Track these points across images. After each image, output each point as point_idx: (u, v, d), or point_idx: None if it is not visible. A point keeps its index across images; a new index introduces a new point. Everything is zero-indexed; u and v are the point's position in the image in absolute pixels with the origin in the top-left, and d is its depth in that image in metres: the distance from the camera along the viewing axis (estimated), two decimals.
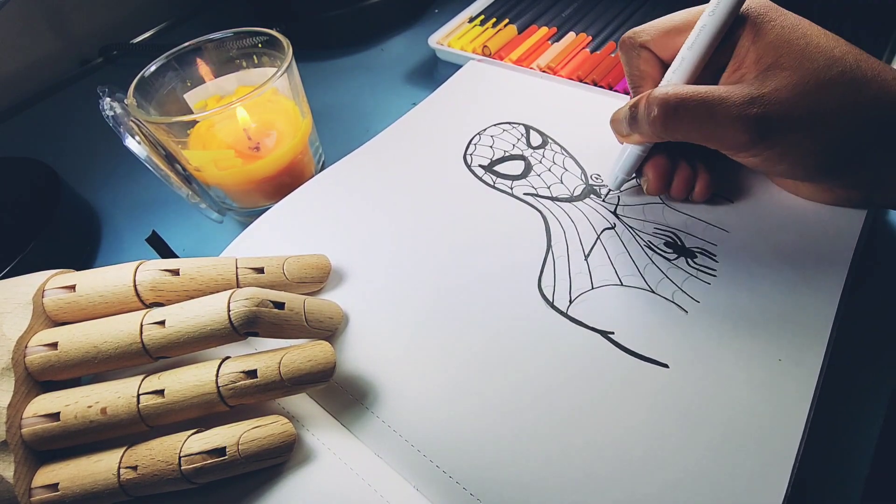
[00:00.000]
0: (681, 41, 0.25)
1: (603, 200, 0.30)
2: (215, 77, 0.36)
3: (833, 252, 0.25)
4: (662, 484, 0.20)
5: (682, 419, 0.21)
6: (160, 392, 0.21)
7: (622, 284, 0.26)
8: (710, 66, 0.25)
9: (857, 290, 0.25)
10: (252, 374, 0.21)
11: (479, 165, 0.32)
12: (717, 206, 0.28)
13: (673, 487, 0.20)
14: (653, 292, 0.25)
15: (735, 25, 0.24)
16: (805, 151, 0.23)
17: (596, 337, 0.24)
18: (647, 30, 0.27)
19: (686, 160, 0.28)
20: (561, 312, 0.25)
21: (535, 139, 0.34)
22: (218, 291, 0.23)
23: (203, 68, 0.36)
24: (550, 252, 0.27)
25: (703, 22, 0.24)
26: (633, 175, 0.28)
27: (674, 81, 0.25)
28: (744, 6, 0.24)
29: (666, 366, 0.23)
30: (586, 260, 0.27)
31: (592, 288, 0.26)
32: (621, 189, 0.29)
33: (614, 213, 0.29)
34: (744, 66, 0.24)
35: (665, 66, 0.27)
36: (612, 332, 0.24)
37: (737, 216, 0.28)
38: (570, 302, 0.25)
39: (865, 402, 0.24)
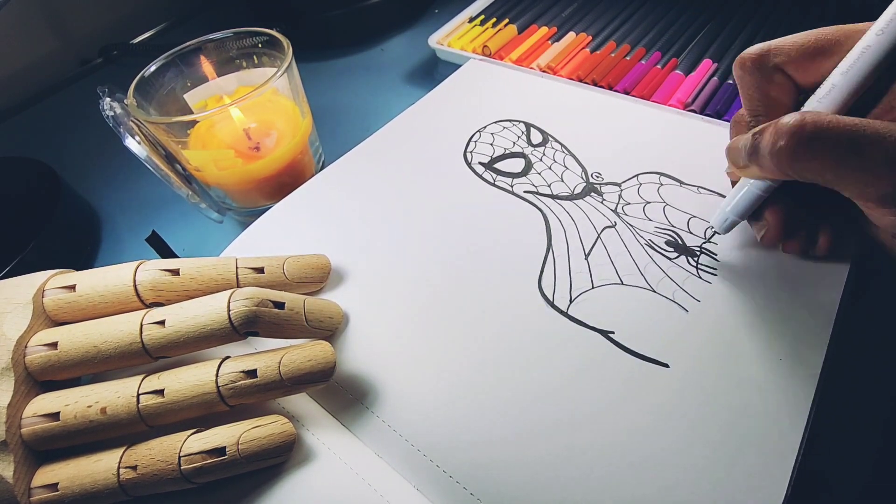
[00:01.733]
0: (828, 65, 0.21)
1: (603, 199, 0.30)
2: (215, 77, 0.36)
3: (835, 250, 0.25)
4: (663, 483, 0.20)
5: (682, 419, 0.21)
6: (160, 392, 0.21)
7: (623, 283, 0.26)
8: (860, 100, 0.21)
9: (858, 289, 0.25)
10: (252, 373, 0.21)
11: (480, 163, 0.32)
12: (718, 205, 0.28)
13: (673, 487, 0.20)
14: (653, 291, 0.25)
15: None
16: None
17: (596, 336, 0.24)
18: (784, 47, 0.22)
19: (810, 212, 0.23)
20: (561, 312, 0.25)
21: (536, 137, 0.34)
22: (218, 291, 0.23)
23: (203, 68, 0.36)
24: (551, 251, 0.27)
25: (868, 42, 0.20)
26: (744, 219, 0.24)
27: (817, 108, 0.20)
28: None
29: (666, 365, 0.23)
30: (587, 259, 0.27)
31: (593, 287, 0.26)
32: (727, 232, 0.25)
33: (615, 211, 0.29)
34: None
35: (801, 93, 0.22)
36: (613, 332, 0.24)
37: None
38: (571, 301, 0.25)
39: (866, 402, 0.24)
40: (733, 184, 0.25)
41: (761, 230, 0.24)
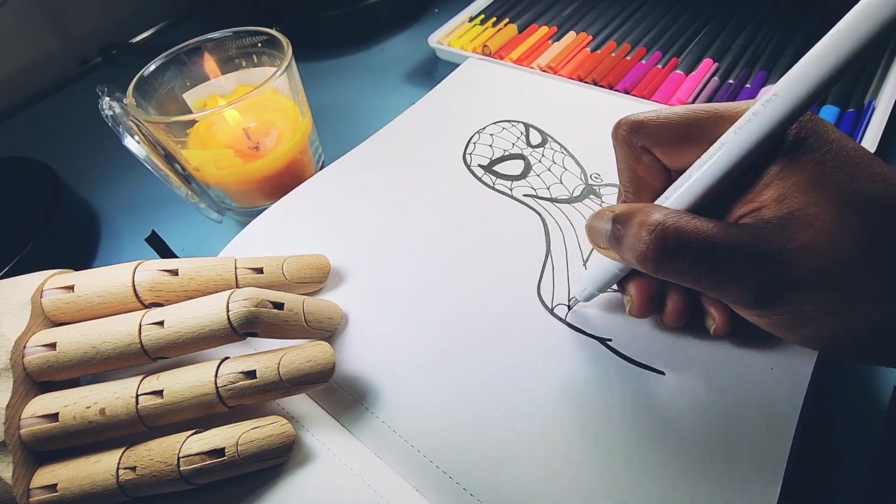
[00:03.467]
0: (694, 153, 0.20)
1: (602, 202, 0.29)
2: (215, 77, 0.36)
3: None
4: (658, 488, 0.20)
5: (677, 425, 0.21)
6: (159, 393, 0.21)
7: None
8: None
9: None
10: (251, 374, 0.21)
11: (479, 165, 0.32)
12: None
13: (669, 492, 0.20)
14: None
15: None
16: (825, 331, 0.18)
17: (594, 343, 0.24)
18: (651, 128, 0.21)
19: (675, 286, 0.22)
20: (560, 319, 0.25)
21: (535, 138, 0.33)
22: (217, 292, 0.23)
23: (202, 68, 0.36)
24: (549, 257, 0.27)
25: (724, 140, 0.18)
26: (604, 291, 0.24)
27: (676, 206, 0.19)
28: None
29: (662, 373, 0.23)
30: (585, 265, 0.27)
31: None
32: (588, 301, 0.24)
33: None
34: (760, 198, 0.18)
35: (672, 174, 0.21)
36: (610, 339, 0.24)
37: None
38: (569, 308, 0.25)
39: (865, 402, 0.24)
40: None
41: (627, 304, 0.22)
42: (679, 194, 0.20)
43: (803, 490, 0.21)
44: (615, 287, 0.23)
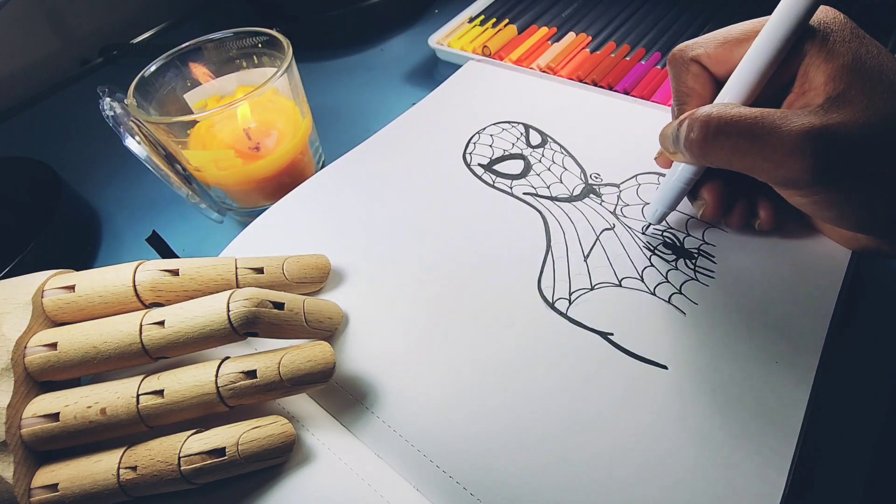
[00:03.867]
0: (739, 55, 0.22)
1: (602, 201, 0.30)
2: (215, 77, 0.36)
3: (831, 253, 0.25)
4: (661, 484, 0.20)
5: (680, 420, 0.21)
6: (159, 392, 0.21)
7: (621, 286, 0.26)
8: (774, 86, 0.22)
9: (855, 292, 0.25)
10: (251, 374, 0.21)
11: (479, 164, 0.32)
12: None
13: (671, 488, 0.20)
14: (652, 294, 0.25)
15: (803, 39, 0.21)
16: (863, 202, 0.20)
17: (596, 338, 0.24)
18: (701, 42, 0.24)
19: (744, 189, 0.25)
20: (561, 313, 0.25)
21: (535, 138, 0.34)
22: (217, 292, 0.23)
23: (203, 68, 0.36)
24: (550, 252, 0.27)
25: (767, 32, 0.21)
26: (674, 209, 0.26)
27: (727, 101, 0.22)
28: (816, 18, 0.21)
29: (665, 367, 0.23)
30: (585, 261, 0.27)
31: (592, 289, 0.26)
32: (659, 223, 0.27)
33: (613, 213, 0.29)
34: (812, 88, 0.21)
35: (720, 84, 0.24)
36: (612, 334, 0.24)
37: None
38: (570, 303, 0.25)
39: (865, 402, 0.24)
40: (663, 165, 0.28)
41: (700, 208, 0.25)
42: (729, 89, 0.22)
43: (805, 487, 0.21)
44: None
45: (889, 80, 0.19)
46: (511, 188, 0.31)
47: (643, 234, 0.27)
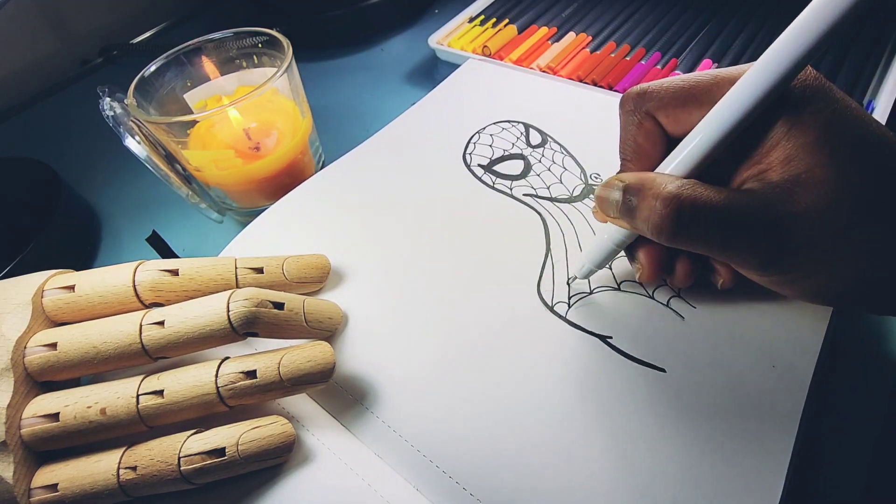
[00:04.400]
0: (697, 117, 0.20)
1: None
2: (215, 77, 0.36)
3: None
4: (659, 486, 0.20)
5: (678, 423, 0.21)
6: (159, 392, 0.21)
7: (620, 289, 0.26)
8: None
9: None
10: (251, 374, 0.21)
11: (479, 165, 0.32)
12: None
13: (670, 490, 0.20)
14: (650, 298, 0.25)
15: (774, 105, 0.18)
16: (821, 288, 0.19)
17: (594, 341, 0.24)
18: (659, 93, 0.21)
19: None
20: (560, 316, 0.25)
21: (535, 138, 0.34)
22: (217, 292, 0.23)
23: (203, 68, 0.36)
24: (549, 255, 0.27)
25: (726, 99, 0.19)
26: (602, 267, 0.24)
27: (676, 170, 0.20)
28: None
29: (663, 370, 0.23)
30: None
31: (590, 292, 0.26)
32: (586, 278, 0.25)
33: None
34: (766, 161, 0.19)
35: (672, 143, 0.21)
36: (611, 337, 0.24)
37: None
38: (569, 306, 0.25)
39: (865, 403, 0.24)
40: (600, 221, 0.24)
41: (638, 271, 0.23)
42: (684, 156, 0.20)
43: (804, 488, 0.21)
44: (623, 255, 0.24)
45: (865, 155, 0.18)
46: (511, 189, 0.31)
47: (568, 284, 0.26)
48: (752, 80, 0.18)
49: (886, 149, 0.18)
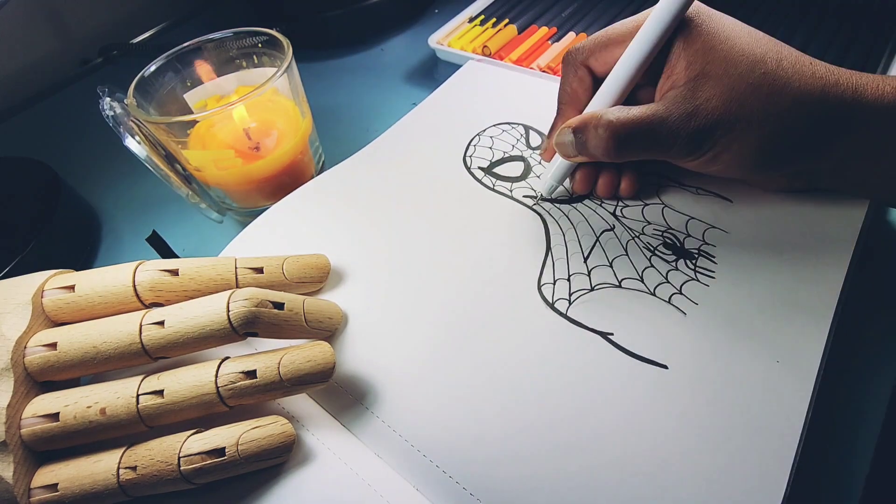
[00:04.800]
0: (618, 54, 0.26)
1: (601, 202, 0.30)
2: (215, 77, 0.36)
3: (831, 254, 0.25)
4: (661, 484, 0.20)
5: (681, 420, 0.21)
6: (159, 392, 0.21)
7: (621, 286, 0.26)
8: (646, 73, 0.26)
9: (857, 290, 0.25)
10: (251, 374, 0.21)
11: (479, 167, 0.32)
12: (717, 206, 0.28)
13: (672, 488, 0.20)
14: (652, 294, 0.25)
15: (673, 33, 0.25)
16: (737, 153, 0.24)
17: (596, 338, 0.24)
18: (588, 45, 0.27)
19: (611, 165, 0.29)
20: (560, 314, 0.25)
21: (535, 140, 0.34)
22: (217, 292, 0.23)
23: (203, 68, 0.36)
24: (550, 254, 0.27)
25: (643, 34, 0.24)
26: (562, 182, 0.29)
27: (604, 99, 0.26)
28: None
29: (665, 367, 0.23)
30: (585, 262, 0.27)
31: (591, 290, 0.26)
32: (552, 196, 0.30)
33: (613, 214, 0.29)
34: (674, 73, 0.24)
35: (598, 84, 0.27)
36: (612, 334, 0.24)
37: (736, 217, 0.28)
38: (570, 303, 0.25)
39: (865, 402, 0.24)
40: (548, 160, 0.30)
41: (572, 183, 0.29)
42: (609, 85, 0.26)
43: (805, 487, 0.21)
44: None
45: (737, 46, 0.23)
46: (511, 191, 0.31)
47: (535, 206, 0.30)
48: (654, 16, 0.24)
49: (753, 38, 0.24)
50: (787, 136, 0.23)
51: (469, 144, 0.34)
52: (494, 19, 0.47)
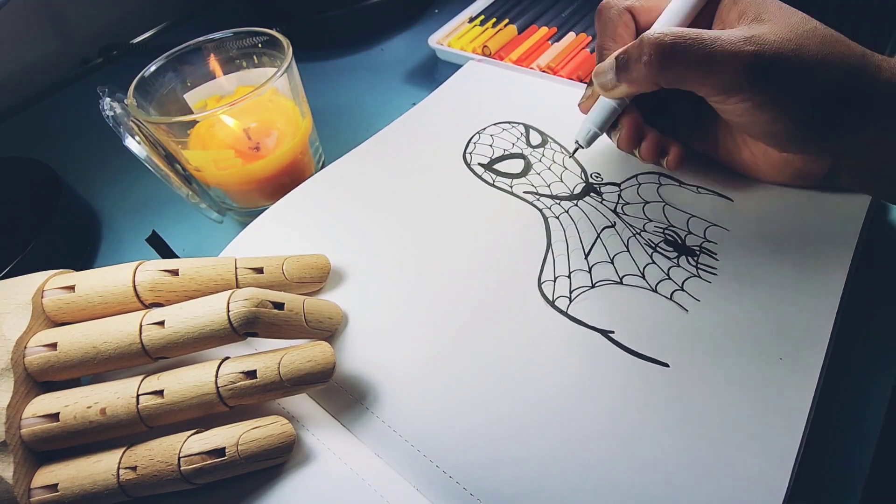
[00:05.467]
0: (665, 4, 0.26)
1: (602, 199, 0.30)
2: (215, 77, 0.36)
3: (833, 251, 0.25)
4: (662, 483, 0.20)
5: (682, 418, 0.21)
6: (159, 392, 0.21)
7: (622, 283, 0.26)
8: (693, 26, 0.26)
9: (857, 289, 0.25)
10: (251, 374, 0.21)
11: (479, 164, 0.32)
12: (717, 204, 0.28)
13: (673, 487, 0.20)
14: (653, 291, 0.25)
15: None
16: (791, 100, 0.23)
17: (596, 336, 0.24)
18: None
19: (659, 128, 0.28)
20: (561, 311, 0.25)
21: (535, 138, 0.34)
22: (217, 292, 0.23)
23: (203, 68, 0.36)
24: (550, 251, 0.27)
25: None
26: (604, 131, 0.28)
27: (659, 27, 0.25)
28: None
29: (666, 365, 0.23)
30: (586, 259, 0.27)
31: (592, 287, 0.26)
32: (590, 145, 0.29)
33: (614, 211, 0.29)
34: (727, 23, 0.24)
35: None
36: (613, 332, 0.24)
37: (737, 215, 0.28)
38: (571, 301, 0.25)
39: (866, 402, 0.24)
40: (585, 112, 0.29)
41: (616, 136, 0.28)
42: (662, 21, 0.25)
43: (806, 486, 0.21)
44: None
45: (789, 8, 0.23)
46: (511, 187, 0.31)
47: (571, 157, 0.29)
48: None
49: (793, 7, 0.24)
50: (835, 93, 0.23)
51: (469, 142, 0.34)
52: (494, 19, 0.47)
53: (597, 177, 0.31)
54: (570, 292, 0.25)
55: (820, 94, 0.23)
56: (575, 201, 0.30)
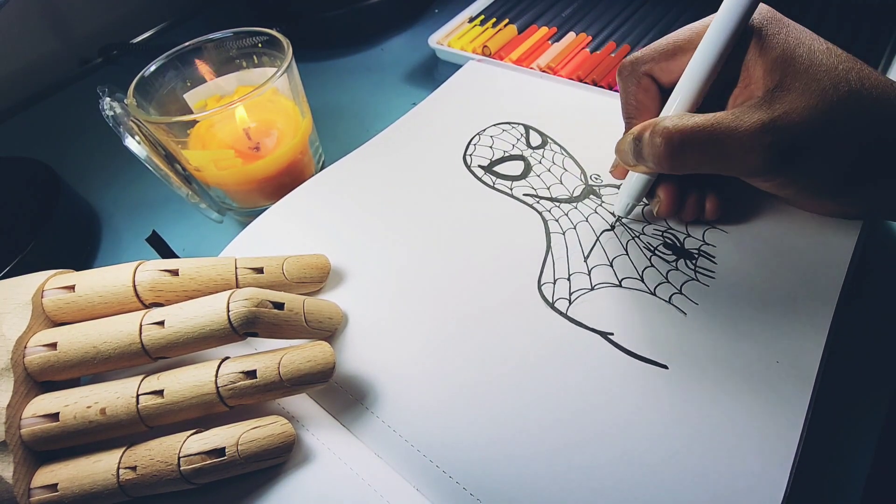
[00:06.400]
0: (685, 63, 0.24)
1: (602, 202, 0.30)
2: (215, 77, 0.36)
3: (831, 255, 0.25)
4: (661, 484, 0.20)
5: (681, 420, 0.21)
6: (159, 392, 0.21)
7: (621, 286, 0.26)
8: (718, 83, 0.24)
9: (855, 291, 0.25)
10: (251, 374, 0.21)
11: (479, 166, 0.32)
12: None
13: (672, 488, 0.20)
14: (652, 294, 0.25)
15: (742, 39, 0.23)
16: (817, 175, 0.23)
17: (596, 338, 0.24)
18: (649, 54, 0.25)
19: (695, 185, 0.27)
20: (561, 313, 0.25)
21: (535, 139, 0.34)
22: (217, 292, 0.23)
23: (203, 68, 0.36)
24: (550, 253, 0.27)
25: (709, 38, 0.23)
26: (640, 201, 0.27)
27: (676, 110, 0.24)
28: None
29: (665, 367, 0.23)
30: (585, 261, 0.27)
31: (591, 289, 0.26)
32: (630, 215, 0.28)
33: (613, 214, 0.29)
34: (752, 81, 0.23)
35: (666, 94, 0.25)
36: (612, 333, 0.24)
37: (736, 219, 0.28)
38: (570, 303, 0.25)
39: (865, 402, 0.24)
40: (620, 177, 0.29)
41: (656, 205, 0.27)
42: (676, 99, 0.24)
43: (805, 487, 0.21)
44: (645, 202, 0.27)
45: (819, 60, 0.22)
46: (511, 189, 0.31)
47: (613, 227, 0.28)
48: (719, 21, 0.23)
49: (832, 51, 0.22)
50: (867, 158, 0.22)
51: (469, 143, 0.34)
52: (494, 19, 0.47)
53: (596, 178, 0.31)
54: (570, 294, 0.25)
55: (850, 162, 0.22)
56: (574, 204, 0.30)
